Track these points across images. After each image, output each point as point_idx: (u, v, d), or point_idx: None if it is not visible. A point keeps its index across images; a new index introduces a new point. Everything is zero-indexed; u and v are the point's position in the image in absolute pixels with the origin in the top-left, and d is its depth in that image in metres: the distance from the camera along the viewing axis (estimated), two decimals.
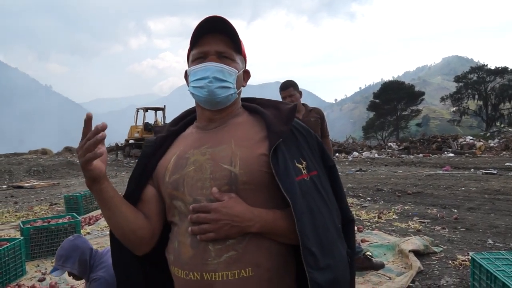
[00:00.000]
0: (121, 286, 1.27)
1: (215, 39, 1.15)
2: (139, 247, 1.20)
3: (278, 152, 1.07)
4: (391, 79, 75.97)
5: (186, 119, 1.32)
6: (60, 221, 5.14)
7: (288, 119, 1.14)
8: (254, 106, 1.24)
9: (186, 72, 1.25)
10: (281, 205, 1.11)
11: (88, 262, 2.75)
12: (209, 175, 1.09)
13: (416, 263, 3.86)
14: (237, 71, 1.17)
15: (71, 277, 2.85)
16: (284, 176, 1.05)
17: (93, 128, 1.00)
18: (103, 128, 0.98)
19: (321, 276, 1.00)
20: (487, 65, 46.70)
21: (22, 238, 4.51)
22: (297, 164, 1.09)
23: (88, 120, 1.00)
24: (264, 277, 1.06)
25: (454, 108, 49.58)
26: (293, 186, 1.05)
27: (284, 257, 1.11)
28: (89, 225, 6.55)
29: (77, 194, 7.79)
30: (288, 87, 3.58)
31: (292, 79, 3.70)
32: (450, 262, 4.04)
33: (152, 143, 1.25)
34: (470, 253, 3.16)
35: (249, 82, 1.32)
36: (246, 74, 1.27)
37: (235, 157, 1.09)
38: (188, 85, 1.21)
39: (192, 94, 1.19)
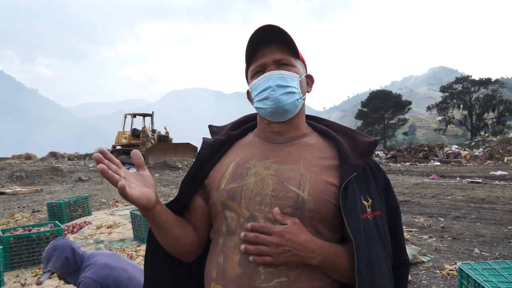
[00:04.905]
0: (148, 285, 1.21)
1: (270, 49, 1.10)
2: (186, 258, 1.16)
3: (349, 186, 1.02)
4: (378, 88, 77.09)
5: (247, 124, 1.25)
6: (42, 229, 5.00)
7: (365, 153, 1.09)
8: (327, 130, 1.17)
9: (248, 92, 1.19)
10: (338, 240, 1.07)
11: (71, 260, 2.70)
12: (270, 192, 1.03)
13: None
14: (298, 76, 1.11)
15: (62, 280, 2.78)
16: (351, 212, 1.00)
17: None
18: (97, 158, 0.91)
19: None
20: (471, 76, 47.77)
21: (1, 247, 4.36)
22: (363, 201, 1.03)
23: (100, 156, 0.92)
24: None
25: (439, 118, 50.43)
26: (358, 224, 0.99)
27: None
28: (72, 234, 6.38)
29: (61, 201, 7.60)
30: None
31: None
32: (438, 271, 4.05)
33: (210, 146, 1.17)
34: (458, 263, 3.16)
35: (238, 89, 1.27)
36: (310, 79, 1.21)
37: (304, 181, 1.03)
38: (252, 104, 1.16)
39: (258, 109, 1.13)
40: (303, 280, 0.99)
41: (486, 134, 41.27)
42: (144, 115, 25.31)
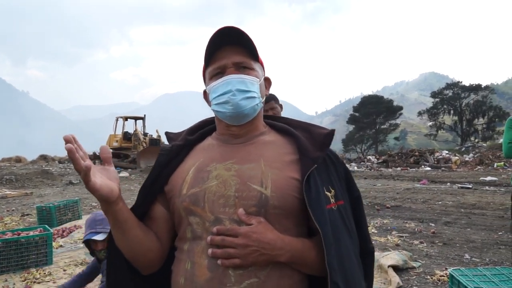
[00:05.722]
0: None
1: (230, 51, 1.09)
2: (148, 268, 1.13)
3: (311, 178, 1.02)
4: (370, 93, 77.67)
5: (204, 129, 1.24)
6: (31, 233, 4.92)
7: (323, 145, 1.09)
8: (284, 126, 1.18)
9: (204, 92, 1.18)
10: (305, 233, 1.07)
11: None
12: (233, 193, 1.02)
13: (395, 279, 3.86)
14: (258, 80, 1.11)
15: (98, 250, 2.63)
16: (316, 205, 1.00)
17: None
18: (67, 138, 0.89)
19: None
20: (461, 82, 48.37)
21: None
22: (326, 192, 1.04)
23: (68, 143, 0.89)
24: None
25: (430, 123, 50.94)
26: (324, 216, 1.00)
27: (303, 286, 1.06)
28: (62, 238, 6.30)
29: (50, 205, 7.51)
30: (270, 100, 3.58)
31: (273, 92, 3.71)
32: (429, 277, 4.06)
33: (168, 152, 1.16)
34: (449, 269, 3.18)
35: None
36: (267, 82, 1.22)
37: (266, 178, 1.02)
38: (209, 105, 1.14)
39: (216, 112, 1.12)
40: (274, 279, 0.99)
41: (476, 140, 41.78)
42: (136, 118, 25.23)
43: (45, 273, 4.45)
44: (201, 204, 1.03)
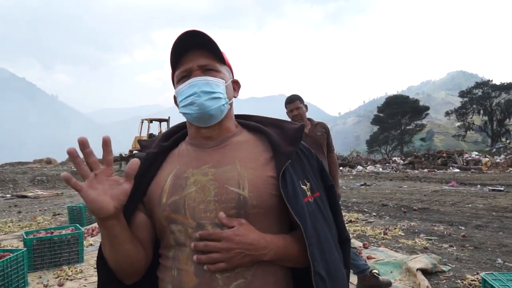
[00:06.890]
0: None
1: (196, 55, 1.10)
2: (132, 277, 1.11)
3: (286, 174, 1.04)
4: (395, 93, 76.11)
5: (177, 134, 1.24)
6: (63, 232, 5.10)
7: (295, 140, 1.11)
8: (256, 124, 1.18)
9: (174, 96, 1.18)
10: (286, 229, 1.09)
11: None
12: (213, 197, 1.02)
13: (424, 282, 3.77)
14: (224, 81, 1.11)
15: None
16: (294, 199, 1.02)
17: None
18: (82, 142, 0.91)
19: None
20: (492, 80, 46.77)
21: (25, 249, 4.46)
22: (302, 186, 1.06)
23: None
24: None
25: (458, 123, 49.48)
26: (303, 210, 1.02)
27: (287, 280, 1.08)
28: (92, 237, 6.50)
29: (81, 205, 7.76)
30: (295, 100, 3.60)
31: (297, 93, 3.74)
32: (459, 282, 3.95)
33: (143, 160, 1.13)
34: (481, 274, 3.08)
35: (254, 94, 1.28)
36: (236, 85, 1.21)
37: (243, 179, 1.03)
38: (179, 109, 1.14)
39: (184, 114, 1.13)
40: (259, 277, 1.01)
41: (508, 141, 40.20)
42: (161, 120, 25.66)
43: (76, 271, 4.60)
44: (182, 211, 1.03)
